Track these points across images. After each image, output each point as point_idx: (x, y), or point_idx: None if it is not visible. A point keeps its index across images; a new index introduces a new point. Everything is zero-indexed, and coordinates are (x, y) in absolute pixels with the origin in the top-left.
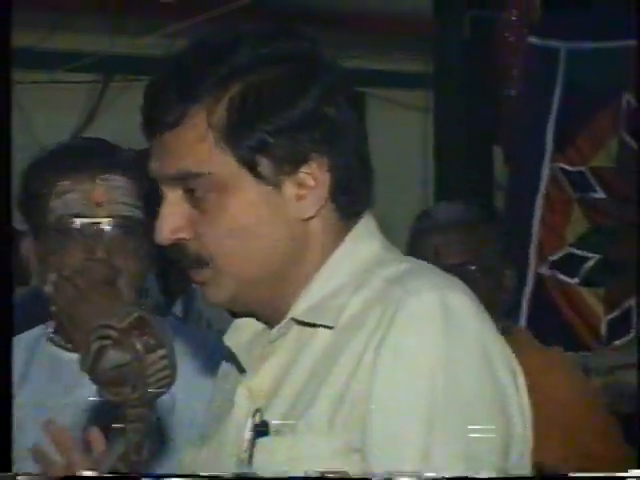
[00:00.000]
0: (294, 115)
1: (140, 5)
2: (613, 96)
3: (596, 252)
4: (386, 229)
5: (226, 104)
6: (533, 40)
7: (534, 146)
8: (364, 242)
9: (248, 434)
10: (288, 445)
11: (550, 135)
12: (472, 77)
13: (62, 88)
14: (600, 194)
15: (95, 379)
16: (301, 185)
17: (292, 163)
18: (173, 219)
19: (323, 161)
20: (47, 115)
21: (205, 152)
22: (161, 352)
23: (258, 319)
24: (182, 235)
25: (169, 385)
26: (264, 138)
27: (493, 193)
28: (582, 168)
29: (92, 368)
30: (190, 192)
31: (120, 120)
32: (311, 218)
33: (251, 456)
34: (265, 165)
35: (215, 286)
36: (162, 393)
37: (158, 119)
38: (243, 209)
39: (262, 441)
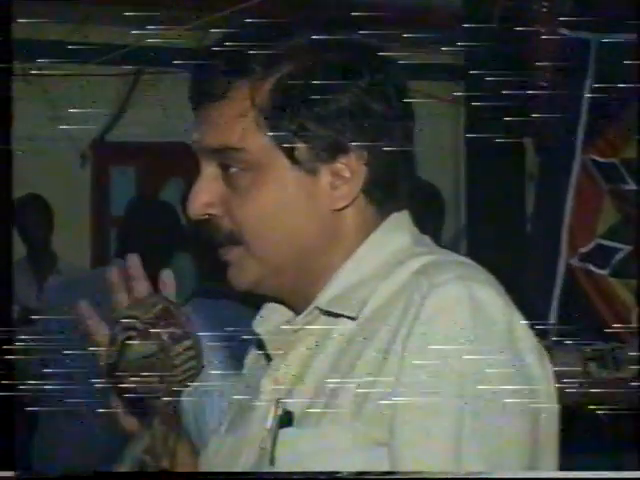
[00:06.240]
0: (339, 105)
1: None
2: None
3: (627, 243)
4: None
5: (272, 84)
6: (563, 32)
7: (565, 138)
8: (394, 234)
9: (270, 424)
10: (311, 436)
11: (581, 127)
12: (502, 69)
13: (93, 81)
14: (631, 185)
15: (121, 370)
16: (336, 175)
17: (330, 152)
18: (205, 194)
19: (362, 154)
20: (78, 108)
21: (245, 128)
22: (187, 343)
23: (284, 304)
24: (213, 211)
25: (195, 376)
26: (305, 124)
27: (524, 184)
28: (613, 160)
29: (118, 359)
30: (226, 168)
31: (151, 112)
32: (343, 209)
33: (274, 447)
34: (302, 150)
35: (240, 268)
36: (188, 384)
37: (204, 90)
38: (276, 191)
39: (285, 432)
